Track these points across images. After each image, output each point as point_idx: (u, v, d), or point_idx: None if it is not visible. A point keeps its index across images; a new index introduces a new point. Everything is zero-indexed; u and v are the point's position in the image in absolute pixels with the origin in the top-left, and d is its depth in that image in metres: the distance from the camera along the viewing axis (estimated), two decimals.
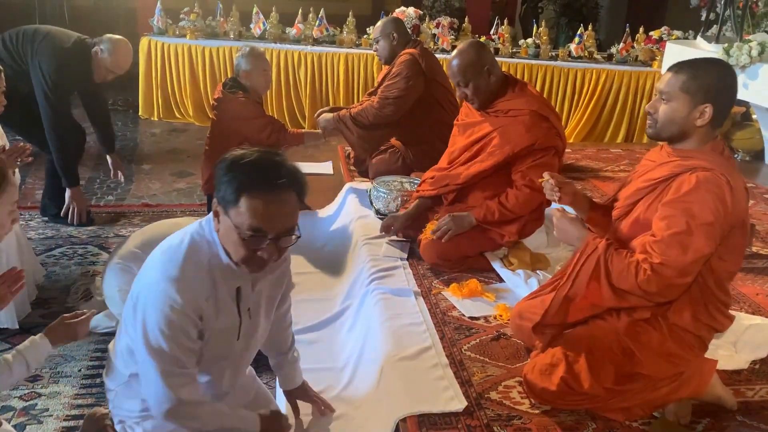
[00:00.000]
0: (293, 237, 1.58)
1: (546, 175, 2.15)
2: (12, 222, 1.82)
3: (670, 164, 1.90)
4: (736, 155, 4.80)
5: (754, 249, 3.17)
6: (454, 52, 2.90)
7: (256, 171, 1.49)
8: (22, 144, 2.70)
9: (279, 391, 2.18)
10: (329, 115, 3.69)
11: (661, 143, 2.04)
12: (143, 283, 1.59)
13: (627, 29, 5.73)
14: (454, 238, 2.79)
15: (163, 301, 1.51)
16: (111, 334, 2.07)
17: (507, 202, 2.79)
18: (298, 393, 2.06)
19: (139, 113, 5.89)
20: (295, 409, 2.05)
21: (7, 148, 2.81)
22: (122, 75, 3.62)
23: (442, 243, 2.78)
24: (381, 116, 3.59)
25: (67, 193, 3.60)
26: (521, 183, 2.78)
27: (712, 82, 1.85)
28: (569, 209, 2.22)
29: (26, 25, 3.56)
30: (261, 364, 2.41)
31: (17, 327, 2.61)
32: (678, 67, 1.90)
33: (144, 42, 5.67)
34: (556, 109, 5.44)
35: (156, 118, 5.85)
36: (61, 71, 3.34)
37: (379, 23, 3.79)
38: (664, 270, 1.77)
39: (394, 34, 3.70)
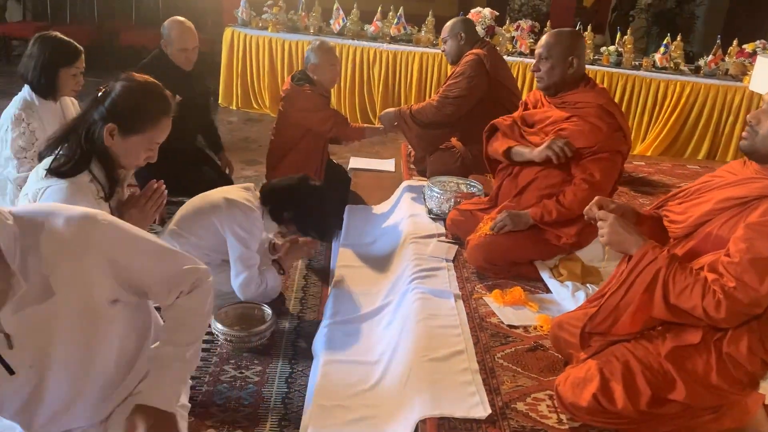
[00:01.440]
0: None
1: (594, 209, 2.02)
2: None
3: (758, 183, 1.77)
4: None
5: None
6: (553, 30, 2.88)
7: None
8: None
9: (310, 392, 2.20)
10: (391, 111, 3.70)
11: (743, 158, 1.92)
12: None
13: (718, 41, 5.43)
14: (505, 241, 2.73)
15: None
16: None
17: (564, 199, 2.70)
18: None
19: (219, 101, 6.10)
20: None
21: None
22: (204, 61, 3.62)
23: (491, 246, 2.73)
24: (440, 115, 3.56)
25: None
26: (580, 178, 2.69)
27: None
28: None
29: (126, 13, 3.61)
30: (298, 351, 2.45)
31: None
32: None
33: (228, 32, 5.87)
34: (634, 121, 5.30)
35: (234, 107, 6.04)
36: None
37: (448, 23, 3.77)
38: (736, 294, 1.66)
39: (462, 34, 3.66)
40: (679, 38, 5.62)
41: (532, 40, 5.52)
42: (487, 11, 5.29)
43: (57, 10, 7.34)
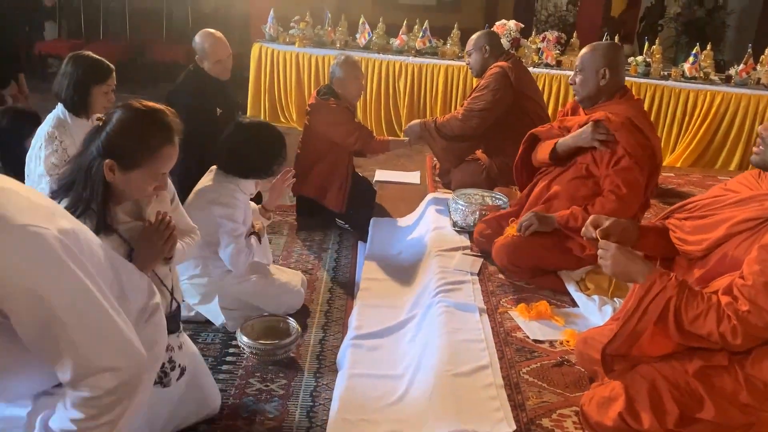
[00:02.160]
0: None
1: (590, 229, 2.01)
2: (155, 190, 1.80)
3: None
4: None
5: None
6: (592, 43, 2.90)
7: None
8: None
9: (334, 406, 2.21)
10: (416, 123, 3.72)
11: (757, 171, 1.88)
12: None
13: (750, 50, 5.34)
14: (530, 243, 2.75)
15: None
16: None
17: (592, 209, 2.70)
18: None
19: (247, 115, 6.18)
20: None
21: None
22: (233, 76, 3.67)
23: (516, 247, 2.75)
24: (465, 128, 3.57)
25: None
26: (608, 189, 2.70)
27: None
28: None
29: (157, 29, 3.64)
30: (323, 364, 2.46)
31: None
32: None
33: (255, 48, 5.96)
34: (663, 131, 5.22)
35: None
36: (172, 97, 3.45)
37: (473, 36, 3.78)
38: (750, 319, 1.64)
39: (487, 47, 3.67)
40: (709, 47, 5.55)
41: (558, 51, 5.49)
42: (512, 23, 5.29)
43: (91, 27, 7.56)
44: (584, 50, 2.84)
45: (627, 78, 5.29)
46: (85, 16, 7.53)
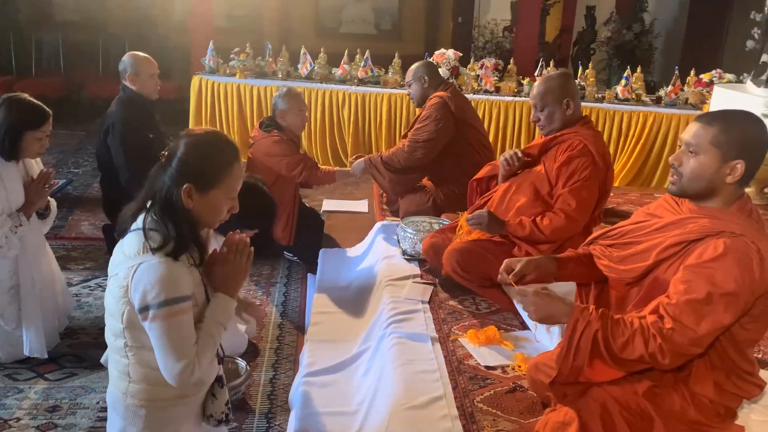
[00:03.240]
0: None
1: (504, 275, 2.04)
2: None
3: (693, 224, 1.78)
4: None
5: None
6: (542, 77, 2.93)
7: None
8: (45, 170, 2.68)
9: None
10: (362, 160, 3.73)
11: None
12: None
13: (676, 71, 5.59)
14: (479, 249, 2.81)
15: None
16: None
17: (541, 222, 2.76)
18: None
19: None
20: None
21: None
22: (173, 108, 3.63)
23: (464, 252, 2.81)
24: (412, 160, 3.60)
25: None
26: (558, 206, 2.77)
27: (745, 136, 1.74)
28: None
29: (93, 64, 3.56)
30: (275, 404, 2.40)
31: (46, 356, 2.68)
32: (708, 119, 1.78)
33: (195, 80, 5.88)
34: None
35: None
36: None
37: (412, 67, 3.83)
38: (675, 337, 1.66)
39: (426, 77, 3.72)
40: (639, 70, 5.78)
41: (496, 78, 5.62)
42: (450, 52, 5.39)
43: (23, 63, 7.31)
44: (538, 87, 2.85)
45: None
46: (17, 51, 7.29)
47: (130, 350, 1.62)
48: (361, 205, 4.45)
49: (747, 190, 4.84)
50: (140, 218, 1.66)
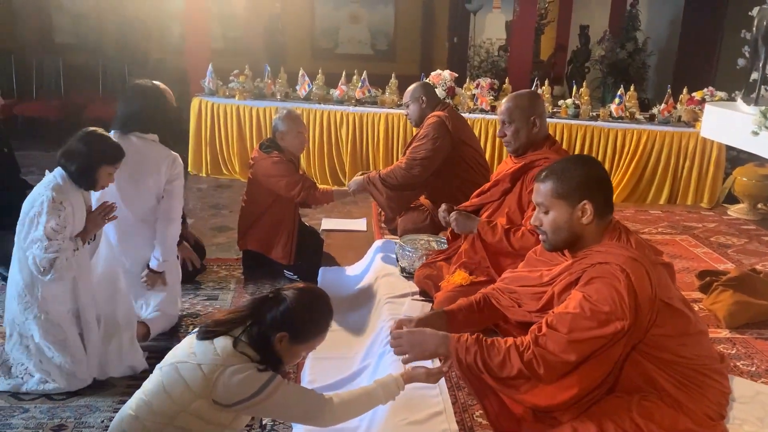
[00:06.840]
0: None
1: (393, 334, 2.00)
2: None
3: (572, 269, 1.86)
4: None
5: None
6: (511, 94, 2.99)
7: None
8: (109, 202, 2.75)
9: None
10: (359, 178, 3.79)
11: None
12: None
13: (669, 90, 5.68)
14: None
15: None
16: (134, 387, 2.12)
17: (514, 235, 2.79)
18: None
19: (188, 169, 6.13)
20: None
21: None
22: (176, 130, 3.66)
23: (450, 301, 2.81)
24: (409, 177, 3.66)
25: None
26: (530, 227, 2.79)
27: (580, 178, 1.86)
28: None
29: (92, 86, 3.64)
30: (276, 422, 2.42)
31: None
32: (542, 176, 1.91)
33: (195, 102, 5.96)
34: None
35: (204, 174, 6.09)
36: None
37: (410, 88, 3.91)
38: (548, 344, 1.72)
39: (423, 98, 3.80)
40: (632, 88, 5.87)
41: (492, 97, 5.71)
42: (446, 73, 5.48)
43: (24, 85, 7.39)
44: (507, 103, 2.91)
45: (559, 120, 5.55)
46: (18, 74, 7.38)
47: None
48: (360, 224, 4.50)
49: (740, 206, 4.97)
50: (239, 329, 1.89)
